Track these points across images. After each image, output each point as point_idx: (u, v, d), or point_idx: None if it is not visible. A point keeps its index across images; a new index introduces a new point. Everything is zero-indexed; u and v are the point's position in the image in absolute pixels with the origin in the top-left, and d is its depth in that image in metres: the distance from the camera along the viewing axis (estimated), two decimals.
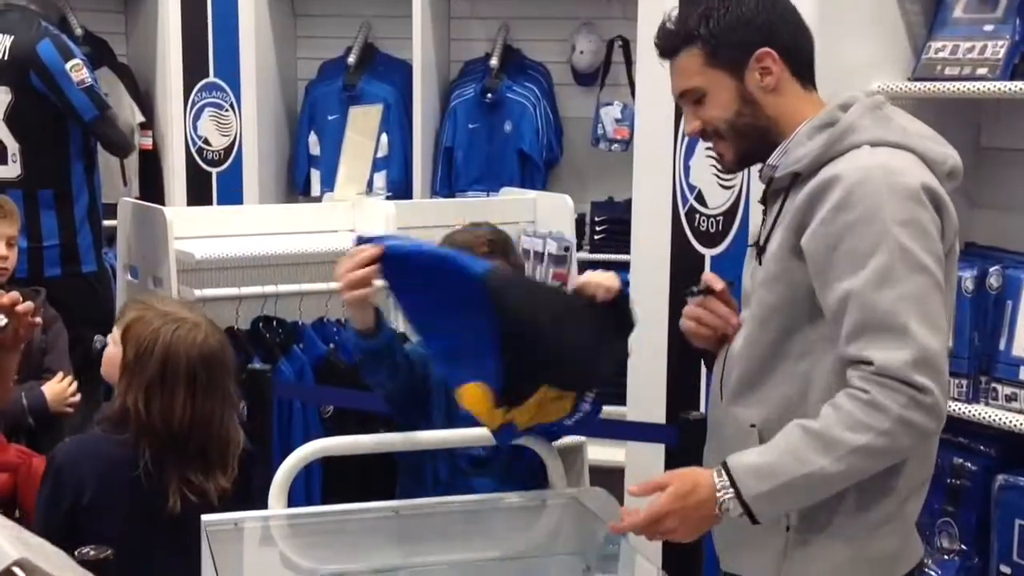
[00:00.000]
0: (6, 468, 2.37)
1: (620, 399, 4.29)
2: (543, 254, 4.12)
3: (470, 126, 4.86)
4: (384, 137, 4.91)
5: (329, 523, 1.98)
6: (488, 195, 4.73)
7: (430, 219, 4.00)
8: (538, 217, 4.05)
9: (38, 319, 2.44)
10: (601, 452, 3.97)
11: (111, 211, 3.94)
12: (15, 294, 2.38)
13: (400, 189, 4.90)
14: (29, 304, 2.35)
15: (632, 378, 3.18)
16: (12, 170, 3.76)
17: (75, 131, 3.83)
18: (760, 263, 1.80)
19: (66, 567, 1.31)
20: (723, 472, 1.67)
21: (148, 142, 5.01)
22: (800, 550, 1.74)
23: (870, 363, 1.62)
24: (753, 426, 1.77)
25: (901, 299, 1.61)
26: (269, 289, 3.46)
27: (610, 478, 3.77)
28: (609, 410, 4.34)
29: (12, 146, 3.77)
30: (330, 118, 5.03)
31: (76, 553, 1.81)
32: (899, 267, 1.61)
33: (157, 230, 3.44)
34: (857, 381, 1.63)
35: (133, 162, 4.87)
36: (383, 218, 3.76)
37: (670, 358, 3.00)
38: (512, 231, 4.17)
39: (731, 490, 1.65)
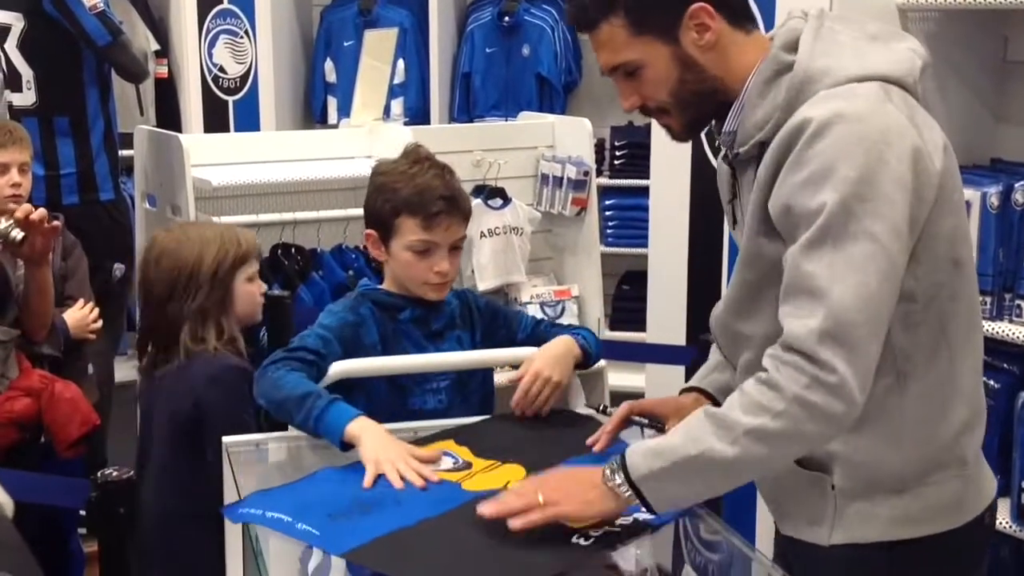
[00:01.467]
0: (30, 393, 2.39)
1: (640, 324, 4.32)
2: (562, 179, 4.09)
3: (487, 50, 4.80)
4: (400, 63, 4.85)
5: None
6: (506, 120, 4.69)
7: (448, 145, 3.94)
8: (557, 142, 4.01)
9: (57, 222, 2.46)
10: (621, 377, 3.97)
11: (128, 141, 3.92)
12: (28, 206, 2.41)
13: (417, 115, 4.86)
14: (42, 211, 2.37)
15: (652, 303, 3.17)
16: (27, 98, 3.74)
17: (89, 58, 3.80)
18: (734, 228, 1.69)
19: None
20: (618, 457, 1.55)
21: (163, 71, 4.97)
22: (851, 510, 1.61)
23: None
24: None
25: (830, 264, 1.44)
26: (287, 216, 3.46)
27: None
28: (629, 335, 4.39)
29: (26, 73, 3.75)
30: (346, 44, 4.98)
31: (100, 474, 1.83)
32: (837, 229, 1.44)
33: (174, 158, 3.43)
34: (765, 359, 1.49)
35: (149, 91, 4.84)
36: (400, 144, 3.70)
37: (690, 283, 2.98)
38: (530, 156, 4.16)
39: (620, 471, 1.52)
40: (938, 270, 1.55)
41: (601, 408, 1.97)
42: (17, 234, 2.43)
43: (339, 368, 2.01)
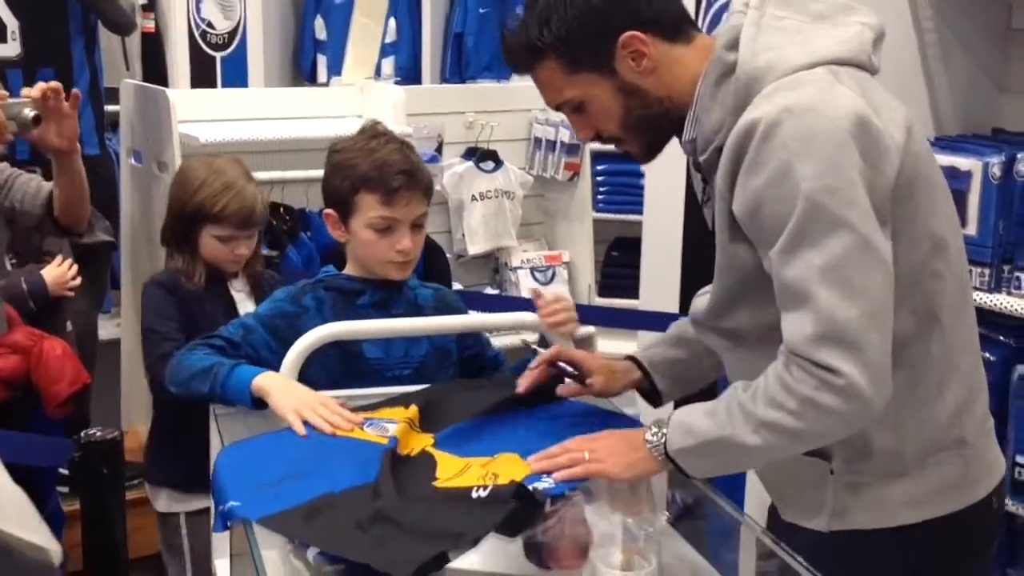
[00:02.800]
0: (17, 350, 2.33)
1: (628, 292, 4.29)
2: (556, 143, 4.04)
3: (481, 10, 4.74)
4: (392, 21, 4.79)
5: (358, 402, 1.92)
6: (499, 82, 4.63)
7: (439, 106, 3.94)
8: None
9: (76, 90, 2.42)
10: (612, 344, 3.94)
11: (113, 95, 3.85)
12: (42, 84, 2.33)
13: (409, 75, 4.80)
14: (56, 84, 2.32)
15: (646, 270, 3.13)
16: (12, 48, 3.65)
17: (75, 7, 3.72)
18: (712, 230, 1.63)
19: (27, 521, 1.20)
20: (666, 419, 1.55)
21: (151, 25, 4.86)
22: (850, 496, 1.58)
23: None
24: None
25: (810, 266, 1.39)
26: (276, 175, 3.39)
27: None
28: (622, 302, 4.37)
29: (11, 23, 3.66)
30: (337, 1, 4.91)
31: (83, 434, 1.79)
32: (811, 229, 1.39)
33: (160, 113, 3.35)
34: (779, 355, 1.46)
35: (135, 46, 4.74)
36: (391, 104, 3.68)
37: (685, 250, 2.94)
38: (524, 119, 4.11)
39: (663, 439, 1.53)
40: (916, 249, 1.50)
41: (533, 349, 1.92)
42: (29, 112, 2.31)
43: (325, 332, 1.95)
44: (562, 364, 1.85)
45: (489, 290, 4.12)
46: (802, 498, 1.62)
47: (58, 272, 2.93)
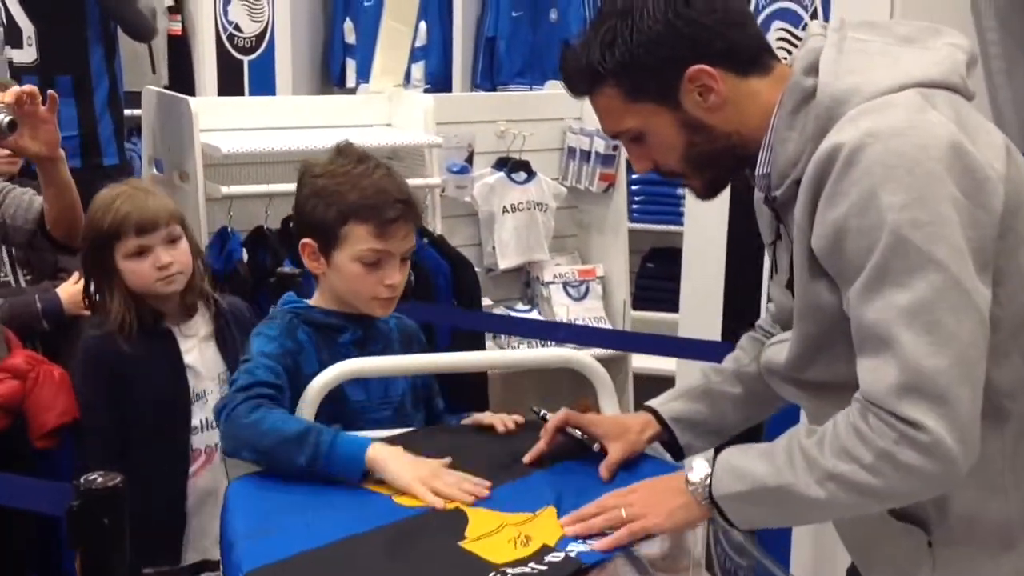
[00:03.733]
0: (16, 374, 2.21)
1: (665, 304, 4.14)
2: (590, 153, 3.89)
3: (513, 14, 4.60)
4: (422, 25, 4.66)
5: None
6: (532, 88, 4.49)
7: (470, 114, 3.81)
8: (585, 114, 3.81)
9: (52, 91, 2.32)
10: (648, 359, 3.79)
11: (137, 100, 3.75)
12: (16, 88, 2.25)
13: (439, 81, 4.67)
14: (32, 87, 2.24)
15: (688, 284, 2.99)
16: (28, 54, 3.57)
17: (93, 12, 3.62)
18: (772, 276, 1.53)
19: None
20: (711, 461, 1.45)
21: (177, 28, 4.78)
22: (952, 569, 1.43)
23: None
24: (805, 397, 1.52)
25: (892, 306, 1.27)
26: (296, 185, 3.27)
27: (660, 387, 3.62)
28: (658, 316, 4.22)
29: (27, 28, 3.57)
30: (366, 3, 4.79)
31: (82, 480, 1.66)
32: (896, 266, 1.27)
33: (182, 121, 3.26)
34: (853, 402, 1.33)
35: (161, 49, 4.67)
36: (421, 112, 3.56)
37: (729, 262, 2.80)
38: (557, 128, 3.97)
39: (707, 481, 1.42)
40: (1023, 288, 1.36)
41: (541, 415, 1.78)
42: (4, 118, 2.22)
43: (347, 368, 1.82)
44: (570, 430, 1.73)
45: (520, 306, 3.98)
46: (895, 567, 1.48)
47: (74, 290, 2.80)
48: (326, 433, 1.65)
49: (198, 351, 2.32)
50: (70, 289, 2.80)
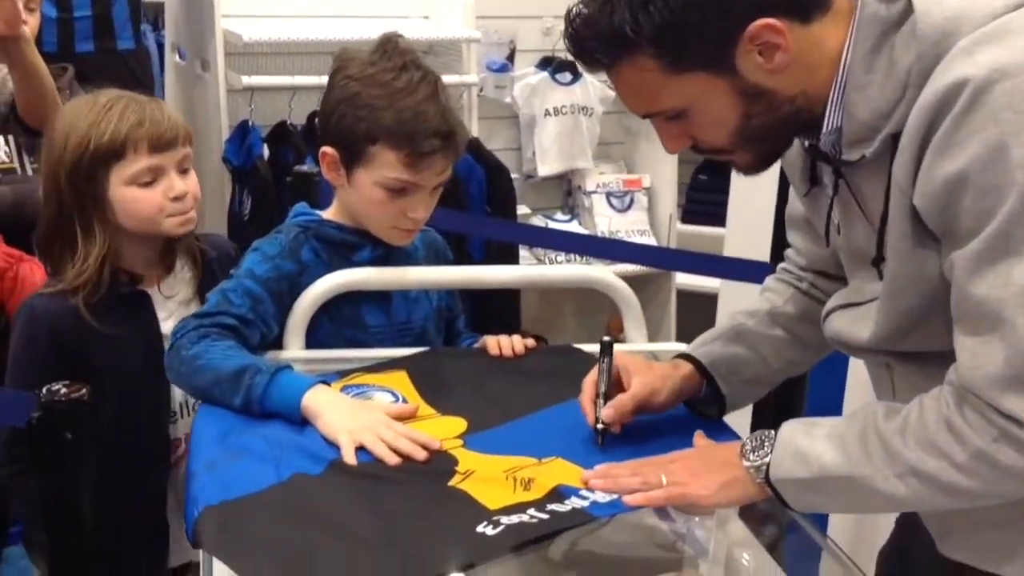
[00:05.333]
0: None
1: (715, 219, 3.91)
2: None
3: None
4: None
5: (349, 365, 1.63)
6: None
7: (513, 8, 3.61)
8: None
9: None
10: (692, 276, 3.59)
11: None
12: None
13: None
14: None
15: (736, 198, 2.77)
16: None
17: None
18: (878, 272, 1.25)
19: None
20: (771, 434, 1.25)
21: None
22: None
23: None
24: (888, 366, 1.30)
25: (1009, 283, 1.07)
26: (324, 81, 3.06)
27: (702, 304, 3.43)
28: (707, 231, 3.99)
29: None
30: None
31: (45, 390, 1.50)
32: (1019, 235, 1.06)
33: (203, 5, 3.08)
34: (945, 387, 1.15)
35: None
36: (460, 4, 3.34)
37: (783, 183, 2.57)
38: None
39: (766, 459, 1.23)
40: None
41: (607, 347, 1.46)
42: None
43: (340, 279, 1.63)
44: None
45: (559, 216, 3.78)
46: (984, 535, 1.27)
47: None
48: (261, 375, 1.45)
49: (178, 318, 1.71)
50: None
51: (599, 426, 1.40)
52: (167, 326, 1.74)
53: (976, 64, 1.05)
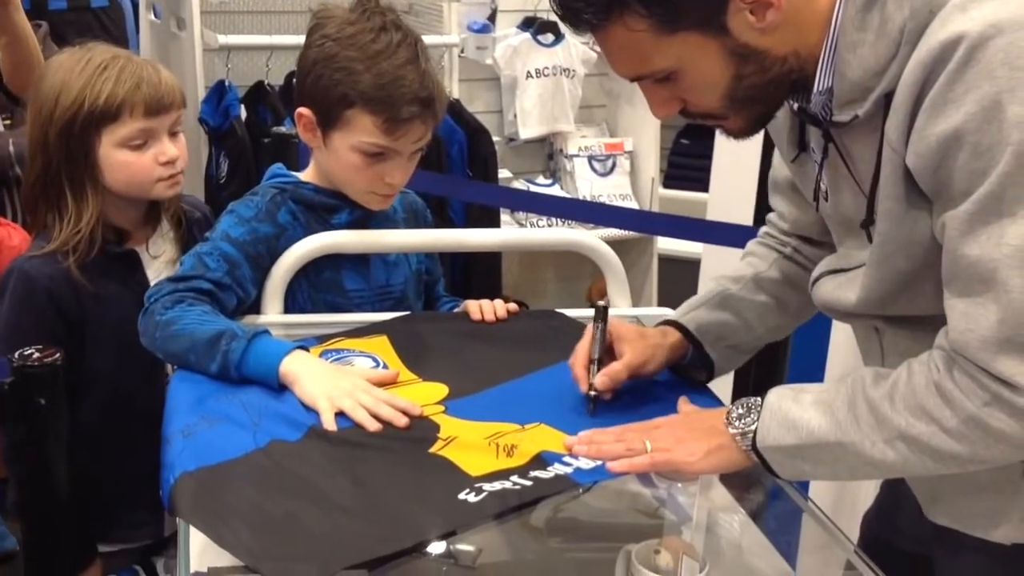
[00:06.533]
0: None
1: (697, 184, 3.89)
2: None
3: None
4: None
5: (329, 329, 1.60)
6: None
7: None
8: None
9: None
10: (675, 242, 3.57)
11: None
12: None
13: None
14: None
15: (720, 161, 2.74)
16: None
17: None
18: (868, 235, 1.22)
19: None
20: (758, 401, 1.23)
21: None
22: None
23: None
24: (877, 330, 1.29)
25: (1002, 243, 1.05)
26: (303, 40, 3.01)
27: (684, 270, 3.42)
28: (688, 195, 3.98)
29: None
30: None
31: (17, 355, 1.47)
32: (1012, 194, 1.04)
33: None
34: (935, 351, 1.13)
35: None
36: None
37: (766, 147, 2.55)
38: None
39: (752, 426, 1.21)
40: None
41: (602, 312, 1.44)
42: None
43: (321, 242, 1.61)
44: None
45: (541, 179, 3.75)
46: (971, 500, 1.26)
47: None
48: (238, 340, 1.42)
49: (161, 274, 1.74)
50: None
51: (592, 393, 1.39)
52: (152, 273, 1.73)
53: (971, 20, 1.02)
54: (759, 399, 1.23)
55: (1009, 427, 1.07)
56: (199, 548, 1.11)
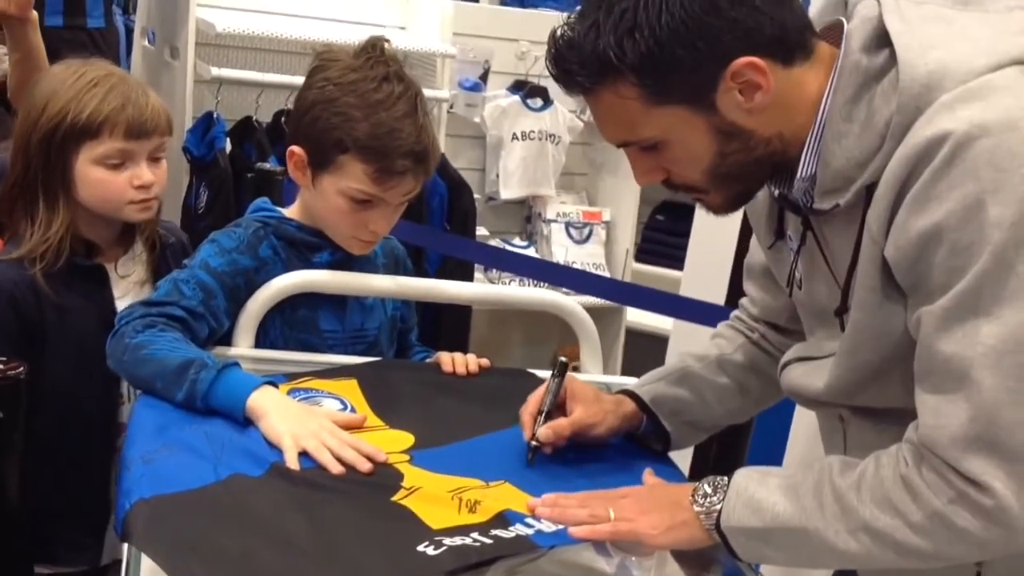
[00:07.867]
0: None
1: (669, 261, 3.91)
2: None
3: None
4: None
5: (299, 368, 1.59)
6: (563, 13, 4.21)
7: (491, 28, 3.59)
8: None
9: None
10: (645, 315, 3.58)
11: None
12: None
13: None
14: None
15: (697, 240, 2.76)
16: None
17: None
18: (840, 323, 1.23)
19: None
20: (724, 481, 1.22)
21: None
22: None
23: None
24: (841, 419, 1.29)
25: (977, 341, 1.05)
26: (297, 80, 3.00)
27: (651, 344, 3.42)
28: (660, 272, 4.00)
29: None
30: None
31: None
32: (992, 294, 1.04)
33: None
34: (904, 444, 1.12)
35: None
36: (438, 18, 3.32)
37: (743, 230, 2.57)
38: None
39: (717, 505, 1.20)
40: None
41: (561, 368, 1.45)
42: None
43: (296, 280, 1.60)
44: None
45: (517, 241, 3.76)
46: None
47: None
48: (207, 370, 1.40)
49: (132, 298, 1.71)
50: None
51: (533, 443, 1.38)
52: (121, 304, 1.69)
53: (958, 119, 1.04)
54: (725, 479, 1.22)
55: (973, 526, 1.06)
56: None
